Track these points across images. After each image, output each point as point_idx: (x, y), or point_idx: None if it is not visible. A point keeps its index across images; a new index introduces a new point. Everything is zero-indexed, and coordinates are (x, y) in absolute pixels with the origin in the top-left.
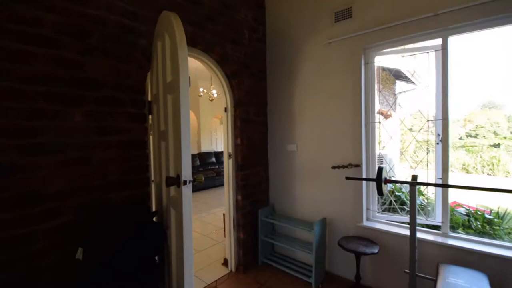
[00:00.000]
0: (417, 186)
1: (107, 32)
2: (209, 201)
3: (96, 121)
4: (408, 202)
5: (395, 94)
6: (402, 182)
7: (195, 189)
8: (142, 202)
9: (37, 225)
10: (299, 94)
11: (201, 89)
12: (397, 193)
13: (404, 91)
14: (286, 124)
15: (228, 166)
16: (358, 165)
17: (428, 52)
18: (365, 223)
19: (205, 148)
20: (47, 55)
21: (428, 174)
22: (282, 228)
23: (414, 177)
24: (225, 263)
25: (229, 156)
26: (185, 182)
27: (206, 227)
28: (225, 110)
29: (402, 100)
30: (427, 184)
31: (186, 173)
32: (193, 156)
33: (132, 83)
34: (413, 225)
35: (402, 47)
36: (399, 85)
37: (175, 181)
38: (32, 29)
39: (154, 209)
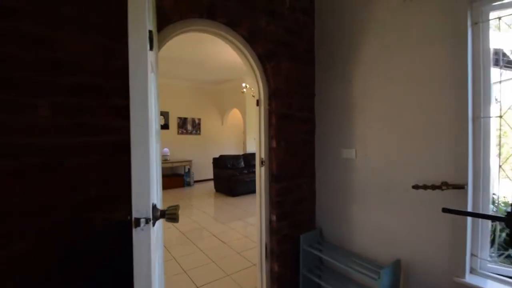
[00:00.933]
0: None
1: None
2: (250, 207)
3: (69, 116)
4: None
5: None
6: None
7: (236, 193)
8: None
9: None
10: (361, 80)
11: (243, 84)
12: None
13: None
14: (341, 122)
15: (260, 176)
16: (461, 186)
17: None
18: (469, 278)
19: (251, 149)
20: (1, 28)
21: None
22: (333, 263)
23: None
24: None
25: (262, 163)
26: (137, 222)
27: (242, 241)
28: (257, 103)
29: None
30: None
31: (141, 205)
32: (238, 157)
33: (124, 66)
34: None
35: None
36: (496, 72)
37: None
38: None
39: None
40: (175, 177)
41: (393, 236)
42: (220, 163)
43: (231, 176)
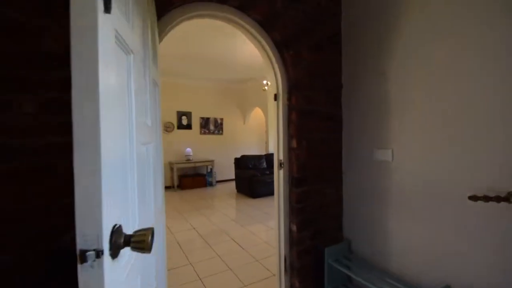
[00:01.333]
0: None
1: None
2: (271, 210)
3: (61, 113)
4: None
5: None
6: None
7: (257, 195)
8: (82, 259)
9: None
10: (399, 68)
11: (264, 82)
12: None
13: None
14: (373, 118)
15: (278, 180)
16: None
17: None
18: None
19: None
20: None
21: None
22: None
23: None
24: None
25: (280, 165)
26: (83, 256)
27: (261, 247)
28: (275, 97)
29: None
30: None
31: (89, 229)
32: (260, 157)
33: None
34: None
35: None
36: None
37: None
38: None
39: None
40: (198, 177)
41: (442, 256)
42: (241, 163)
43: (252, 176)
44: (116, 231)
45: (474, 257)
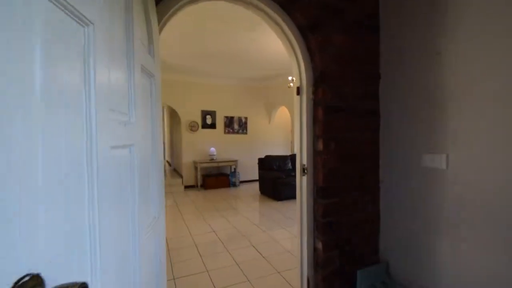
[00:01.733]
0: None
1: None
2: (296, 215)
3: None
4: None
5: None
6: None
7: (281, 197)
8: None
9: None
10: (458, 51)
11: (290, 78)
12: None
13: None
14: (421, 114)
15: (300, 188)
16: None
17: None
18: None
19: None
20: None
21: None
22: None
23: None
24: None
25: (303, 170)
26: None
27: (284, 257)
28: (298, 91)
29: None
30: None
31: None
32: (284, 158)
33: None
34: None
35: None
36: None
37: None
38: None
39: None
40: (221, 177)
41: None
42: (265, 164)
43: (276, 178)
44: (22, 286)
45: None
